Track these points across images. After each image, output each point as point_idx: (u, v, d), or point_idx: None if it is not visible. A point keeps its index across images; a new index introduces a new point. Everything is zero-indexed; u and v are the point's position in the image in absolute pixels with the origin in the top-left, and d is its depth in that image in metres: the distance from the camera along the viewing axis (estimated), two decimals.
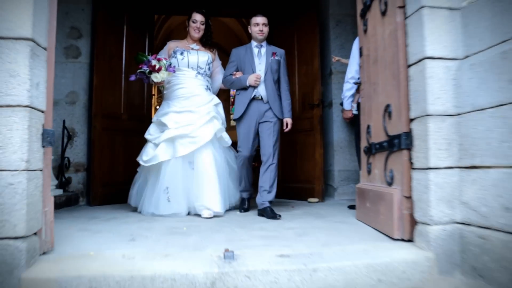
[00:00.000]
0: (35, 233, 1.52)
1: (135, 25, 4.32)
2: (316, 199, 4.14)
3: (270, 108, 3.22)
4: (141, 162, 3.23)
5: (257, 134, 3.28)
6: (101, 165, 3.85)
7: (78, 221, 2.67)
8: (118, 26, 4.14)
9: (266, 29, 3.29)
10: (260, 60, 3.28)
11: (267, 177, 3.16)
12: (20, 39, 1.44)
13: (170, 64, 3.17)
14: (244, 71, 3.29)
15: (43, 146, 1.57)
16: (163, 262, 1.55)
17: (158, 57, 3.13)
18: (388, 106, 2.12)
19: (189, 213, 3.09)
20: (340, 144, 4.45)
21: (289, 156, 4.53)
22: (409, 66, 1.88)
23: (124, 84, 4.13)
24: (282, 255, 1.67)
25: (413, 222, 1.85)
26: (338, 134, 4.45)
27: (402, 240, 1.91)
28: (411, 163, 1.86)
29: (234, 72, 3.33)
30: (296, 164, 4.49)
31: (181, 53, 3.35)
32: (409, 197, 1.88)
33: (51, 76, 1.66)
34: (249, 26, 3.36)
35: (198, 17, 3.38)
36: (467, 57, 1.72)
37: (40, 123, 1.56)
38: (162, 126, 3.22)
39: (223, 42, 10.45)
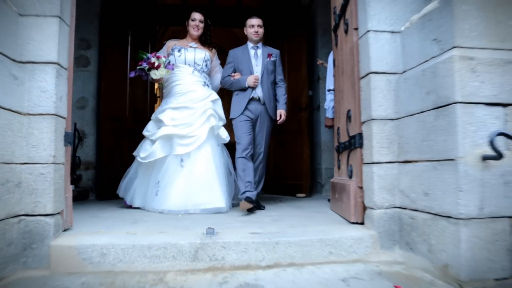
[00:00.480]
0: (58, 213, 1.95)
1: (139, 36, 4.75)
2: (303, 194, 4.54)
3: (266, 108, 3.36)
4: (138, 158, 3.32)
5: (253, 131, 3.35)
6: (108, 164, 4.28)
7: (89, 210, 3.10)
8: (123, 37, 4.57)
9: (261, 30, 3.39)
10: (257, 61, 3.38)
11: (261, 174, 3.44)
12: (48, 63, 1.88)
13: (169, 62, 3.26)
14: (242, 72, 3.37)
15: (65, 145, 2.00)
16: (158, 236, 1.98)
17: (157, 55, 3.23)
18: (349, 111, 2.52)
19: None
20: (327, 144, 4.84)
21: (279, 155, 4.94)
22: (361, 78, 2.28)
23: (129, 90, 4.56)
24: (254, 232, 2.09)
25: (364, 208, 2.25)
26: (325, 135, 4.84)
27: (357, 223, 2.30)
28: (362, 159, 2.26)
29: (233, 74, 3.39)
30: (286, 163, 4.89)
31: (179, 50, 3.43)
32: (361, 187, 2.28)
33: (70, 90, 2.09)
34: (244, 28, 3.45)
35: (197, 16, 3.48)
36: (404, 72, 2.11)
37: (63, 127, 1.99)
38: (159, 123, 3.29)
39: (229, 46, 10.83)
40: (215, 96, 3.42)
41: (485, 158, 1.59)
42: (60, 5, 1.95)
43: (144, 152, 3.29)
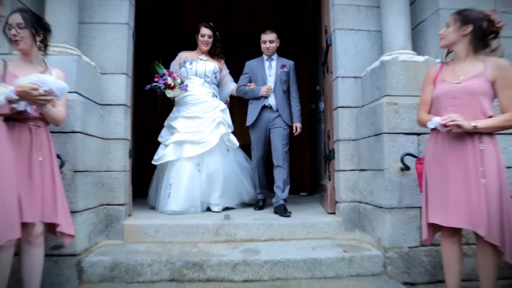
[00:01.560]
0: (126, 204, 2.93)
1: (169, 60, 5.72)
2: (305, 193, 5.42)
3: (280, 115, 3.54)
4: (153, 162, 3.55)
5: (268, 139, 3.59)
6: (137, 167, 5.26)
7: (141, 205, 4.09)
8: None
9: (272, 45, 3.56)
10: (271, 72, 3.59)
11: (280, 178, 3.46)
12: (120, 105, 2.87)
13: (183, 82, 3.49)
14: (257, 82, 3.61)
15: (129, 158, 2.99)
16: (192, 220, 2.93)
17: (174, 75, 3.44)
18: (328, 131, 3.41)
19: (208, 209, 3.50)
20: None
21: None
22: (333, 109, 3.17)
23: (160, 109, 5.54)
24: (256, 218, 3.01)
25: (335, 202, 3.14)
26: None
27: (332, 213, 3.19)
28: (334, 167, 3.15)
29: (249, 84, 3.64)
30: (291, 167, 5.77)
31: (190, 63, 3.64)
32: (334, 187, 3.17)
33: (131, 121, 3.07)
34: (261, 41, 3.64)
35: (205, 31, 3.65)
36: (362, 106, 2.99)
37: (128, 146, 2.97)
38: (172, 129, 3.52)
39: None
40: (223, 106, 3.66)
41: (402, 169, 2.46)
42: (127, 66, 2.94)
43: (157, 155, 3.53)
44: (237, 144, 3.73)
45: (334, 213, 3.17)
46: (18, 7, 2.07)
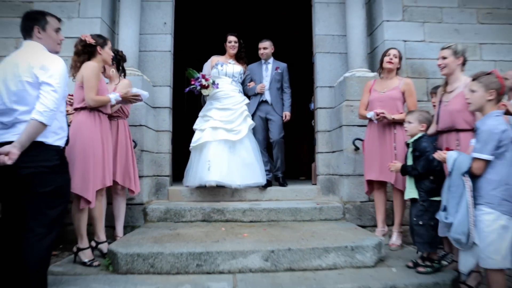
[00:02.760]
0: (169, 176, 4.24)
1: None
2: (304, 177, 6.66)
3: (274, 108, 4.35)
4: (190, 146, 4.18)
5: (266, 126, 4.38)
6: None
7: (176, 183, 5.41)
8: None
9: (266, 51, 4.35)
10: (267, 73, 4.41)
11: (277, 156, 4.38)
12: (166, 108, 4.19)
13: (214, 82, 4.20)
14: (256, 81, 4.41)
15: (171, 144, 4.29)
16: (215, 188, 4.21)
17: (206, 77, 4.13)
18: (315, 124, 4.64)
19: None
20: None
21: (291, 153, 7.09)
22: (315, 109, 4.41)
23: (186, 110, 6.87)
24: (260, 188, 4.28)
25: (316, 175, 4.38)
26: None
27: (314, 184, 4.43)
28: (316, 151, 4.39)
29: (249, 84, 4.46)
30: (293, 156, 7.03)
31: (221, 65, 4.37)
32: (316, 165, 4.41)
33: (171, 118, 4.38)
34: None
35: (232, 38, 4.43)
36: (334, 107, 4.21)
37: (170, 136, 4.28)
38: (207, 118, 4.20)
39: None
40: (247, 100, 4.40)
41: (355, 149, 3.69)
42: (170, 80, 4.26)
43: (194, 139, 4.17)
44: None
45: (316, 184, 4.40)
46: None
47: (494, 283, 2.05)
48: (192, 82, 4.16)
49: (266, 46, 4.37)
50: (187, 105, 7.13)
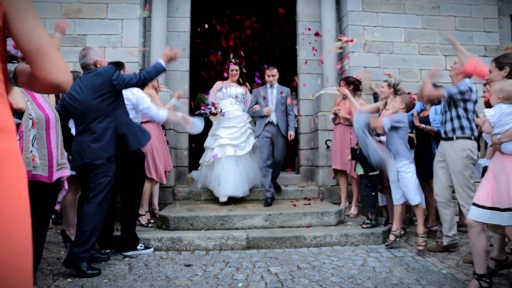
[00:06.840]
0: (187, 166, 5.52)
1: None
2: (289, 169, 8.05)
3: (279, 129, 4.62)
4: (204, 163, 4.87)
5: (272, 145, 4.61)
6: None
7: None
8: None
9: (273, 78, 4.65)
10: (272, 97, 4.70)
11: (275, 171, 4.78)
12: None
13: (221, 110, 4.75)
14: (261, 104, 4.66)
15: (188, 143, 5.58)
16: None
17: (216, 105, 4.70)
18: (298, 129, 6.01)
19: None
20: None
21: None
22: (299, 116, 5.78)
23: None
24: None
25: (299, 167, 5.75)
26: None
27: (298, 173, 5.81)
28: (299, 147, 5.76)
29: (254, 106, 4.73)
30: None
31: (225, 88, 4.94)
32: (299, 159, 5.79)
33: None
34: None
35: (233, 67, 4.99)
36: (313, 115, 5.58)
37: (187, 137, 5.57)
38: (216, 137, 4.80)
39: None
40: (250, 118, 4.94)
41: (327, 147, 5.07)
42: (189, 95, 5.52)
43: (207, 157, 4.86)
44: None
45: (299, 173, 5.78)
46: None
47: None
48: (202, 108, 4.68)
49: (274, 74, 4.69)
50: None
